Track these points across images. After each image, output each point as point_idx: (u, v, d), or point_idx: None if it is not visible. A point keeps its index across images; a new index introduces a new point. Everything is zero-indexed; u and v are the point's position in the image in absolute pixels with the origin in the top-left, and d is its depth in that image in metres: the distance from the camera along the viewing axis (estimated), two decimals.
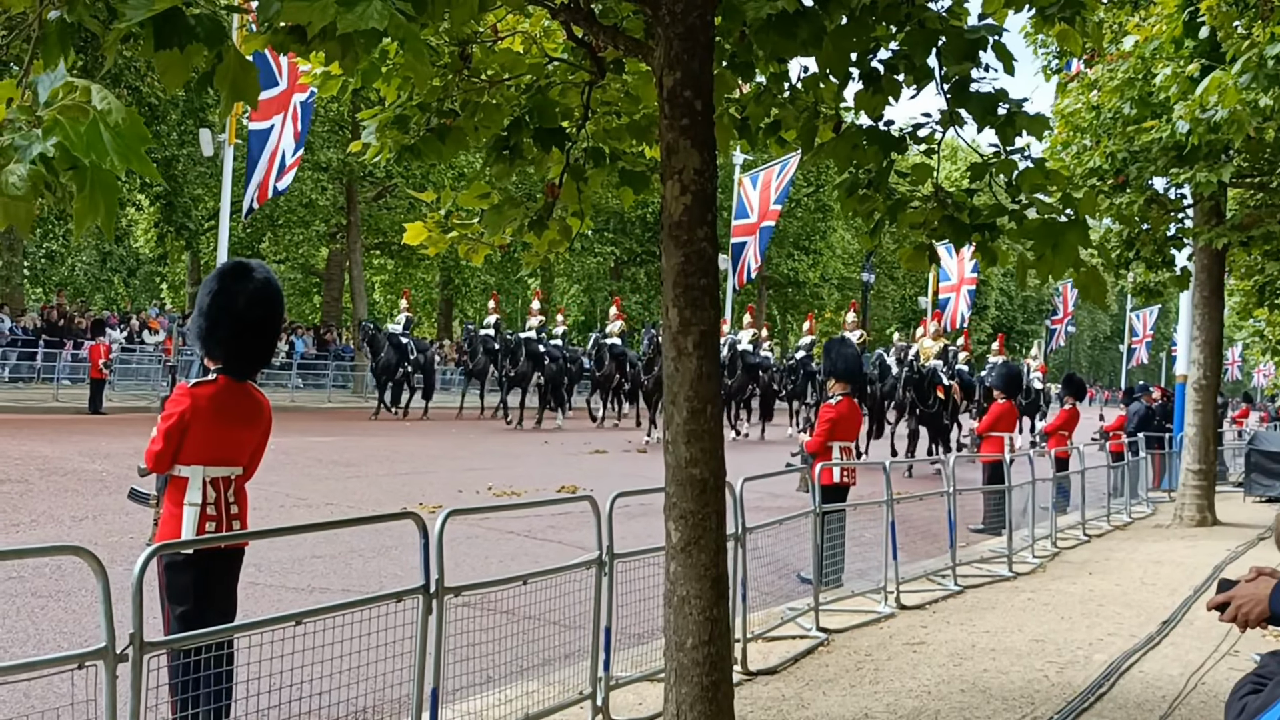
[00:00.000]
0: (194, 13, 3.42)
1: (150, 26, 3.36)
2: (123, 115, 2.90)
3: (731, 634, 5.36)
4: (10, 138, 2.83)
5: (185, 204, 38.97)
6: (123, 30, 3.37)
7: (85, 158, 2.85)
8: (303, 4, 3.27)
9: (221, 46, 3.53)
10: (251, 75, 3.69)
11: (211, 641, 4.67)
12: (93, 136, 2.86)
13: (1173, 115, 12.65)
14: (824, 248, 62.31)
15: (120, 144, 2.89)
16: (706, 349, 4.87)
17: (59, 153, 2.82)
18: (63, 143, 2.81)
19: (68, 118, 2.88)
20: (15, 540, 10.55)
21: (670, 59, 4.82)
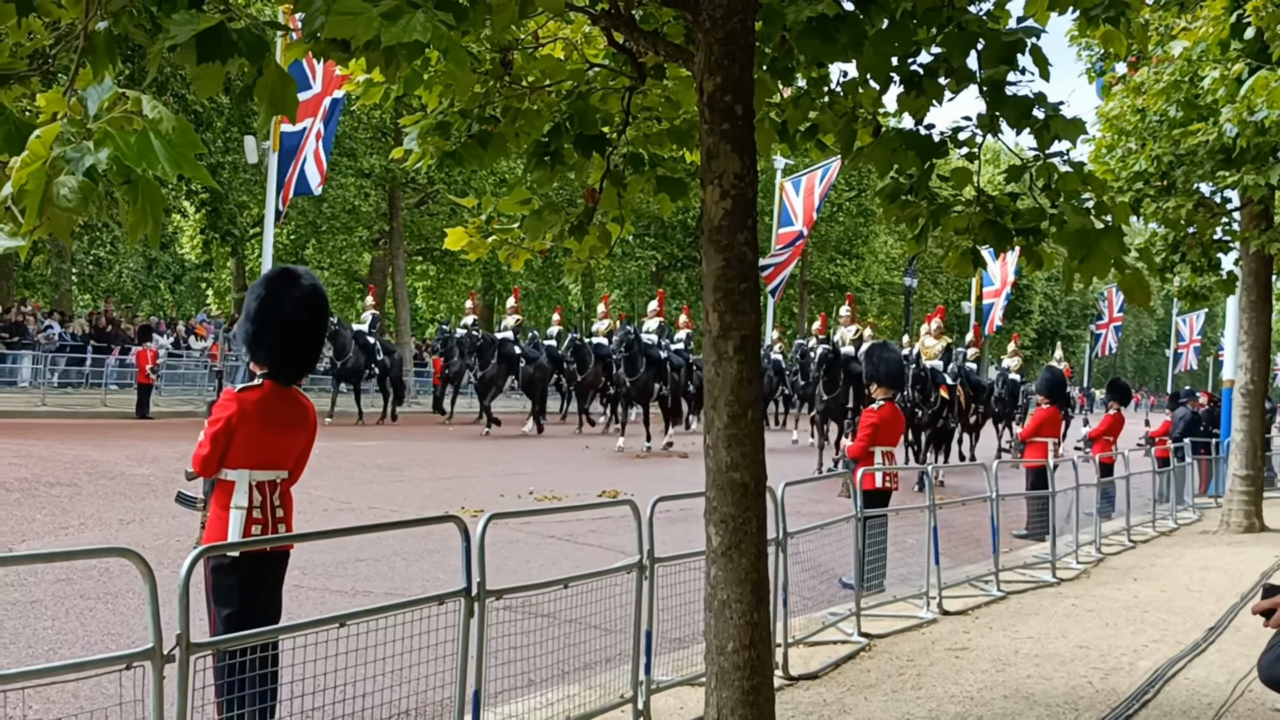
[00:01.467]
0: (236, 27, 3.47)
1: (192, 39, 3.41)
2: (173, 124, 2.94)
3: (772, 638, 5.36)
4: (61, 150, 2.88)
5: (230, 210, 39.32)
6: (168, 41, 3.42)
7: (138, 167, 2.89)
8: (347, 18, 3.31)
9: (262, 60, 3.58)
10: (291, 89, 3.74)
11: (257, 643, 4.73)
12: (144, 146, 2.90)
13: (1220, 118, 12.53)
14: (866, 252, 62.09)
15: (171, 152, 2.94)
16: (747, 353, 4.87)
17: (114, 165, 2.86)
18: (115, 154, 2.85)
19: (118, 129, 2.92)
20: (64, 543, 10.68)
21: (711, 64, 4.83)
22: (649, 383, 27.19)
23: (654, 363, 27.39)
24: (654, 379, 27.40)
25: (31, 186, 2.82)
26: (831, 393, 22.44)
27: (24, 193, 2.82)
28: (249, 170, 35.46)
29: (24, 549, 10.20)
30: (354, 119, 40.02)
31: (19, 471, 15.27)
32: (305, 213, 41.21)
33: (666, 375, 28.03)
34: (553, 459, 22.42)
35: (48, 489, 13.96)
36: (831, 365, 22.55)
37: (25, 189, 2.82)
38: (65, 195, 2.84)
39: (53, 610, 8.25)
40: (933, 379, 22.65)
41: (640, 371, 26.55)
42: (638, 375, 26.54)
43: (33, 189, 2.82)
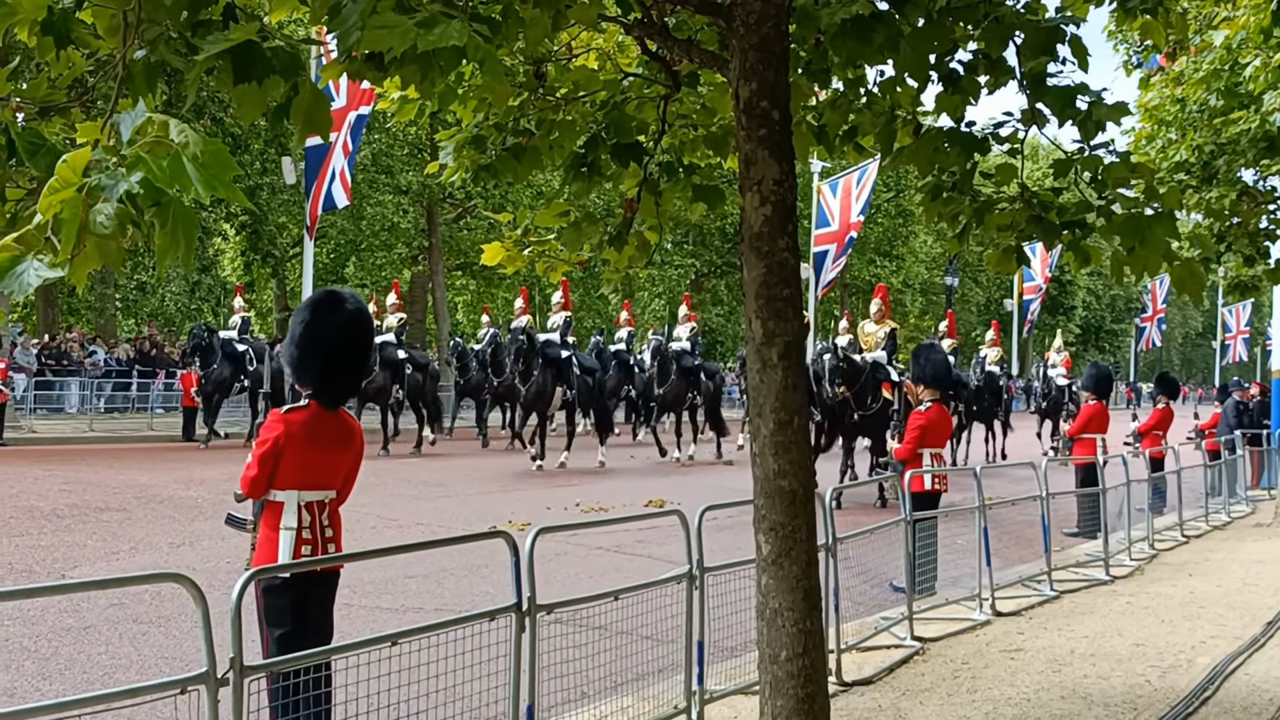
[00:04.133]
0: (271, 46, 3.48)
1: (229, 61, 3.42)
2: (201, 146, 2.94)
3: (825, 645, 5.31)
4: (97, 177, 2.89)
5: (270, 231, 39.65)
6: (203, 65, 3.43)
7: (170, 189, 2.90)
8: (382, 30, 3.31)
9: (297, 79, 3.58)
10: (324, 107, 3.75)
11: (310, 664, 4.73)
12: (176, 169, 2.90)
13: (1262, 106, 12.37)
14: (905, 252, 61.84)
15: (205, 174, 2.94)
16: (791, 360, 4.83)
17: (144, 189, 2.87)
18: (147, 178, 2.86)
19: (151, 153, 2.93)
20: (116, 567, 10.77)
21: (745, 70, 4.80)
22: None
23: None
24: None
25: (68, 215, 2.83)
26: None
27: (60, 222, 2.83)
28: (287, 191, 35.72)
29: (76, 574, 10.30)
30: (390, 136, 40.25)
31: (69, 497, 15.43)
32: (344, 230, 41.48)
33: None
34: (596, 469, 22.40)
35: (98, 514, 14.09)
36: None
37: (62, 218, 2.83)
38: (102, 222, 2.84)
39: (106, 635, 8.30)
40: (873, 375, 18.76)
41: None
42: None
43: (69, 217, 2.83)
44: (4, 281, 2.88)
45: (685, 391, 26.08)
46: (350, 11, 3.42)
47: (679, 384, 25.80)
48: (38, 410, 29.10)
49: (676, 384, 25.68)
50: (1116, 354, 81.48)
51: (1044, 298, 41.99)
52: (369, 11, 3.36)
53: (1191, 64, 14.31)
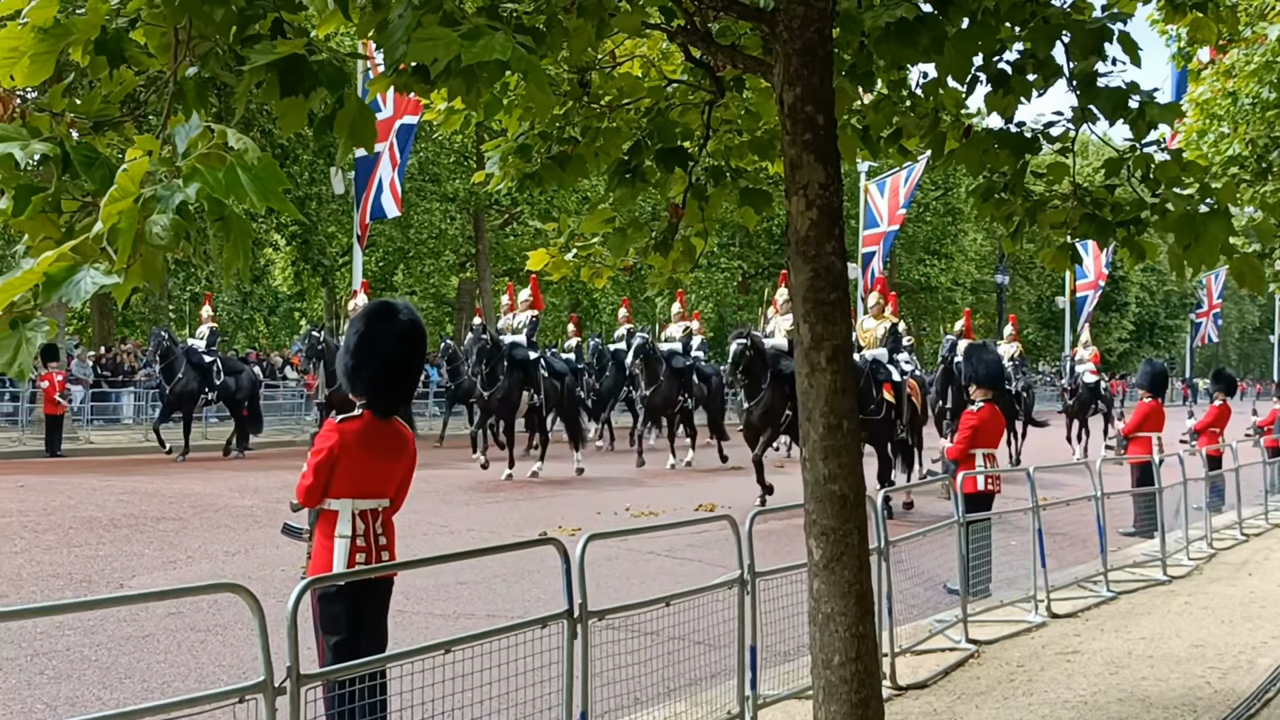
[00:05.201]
0: (317, 59, 3.52)
1: (276, 74, 3.47)
2: (258, 155, 3.00)
3: (879, 649, 5.29)
4: (153, 189, 2.94)
5: (320, 241, 39.99)
6: (251, 78, 3.48)
7: (226, 200, 2.95)
8: (427, 44, 3.35)
9: (343, 92, 3.62)
10: (369, 120, 3.79)
11: (365, 671, 4.78)
12: (232, 180, 2.96)
13: None
14: (955, 251, 61.38)
15: (258, 185, 2.99)
16: (840, 364, 4.82)
17: (208, 203, 2.92)
18: (206, 190, 2.92)
19: (206, 165, 2.98)
20: (173, 576, 10.90)
21: (790, 75, 4.80)
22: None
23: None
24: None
25: (125, 225, 2.88)
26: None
27: (117, 232, 2.89)
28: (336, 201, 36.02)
29: (134, 584, 10.43)
30: (436, 145, 40.51)
31: (127, 507, 15.62)
32: (393, 239, 41.79)
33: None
34: (647, 474, 22.40)
35: (154, 524, 14.26)
36: None
37: (119, 228, 2.88)
38: (158, 233, 2.90)
39: (164, 644, 8.40)
40: (872, 375, 17.42)
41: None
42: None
43: (125, 228, 2.88)
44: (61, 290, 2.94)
45: (676, 394, 24.67)
46: (396, 26, 3.46)
47: (669, 386, 24.33)
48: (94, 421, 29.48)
49: (666, 386, 24.30)
50: (1171, 350, 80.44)
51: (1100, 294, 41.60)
52: (414, 25, 3.39)
53: (1243, 56, 14.13)
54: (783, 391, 17.55)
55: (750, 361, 17.29)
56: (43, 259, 2.95)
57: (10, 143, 3.10)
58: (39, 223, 3.15)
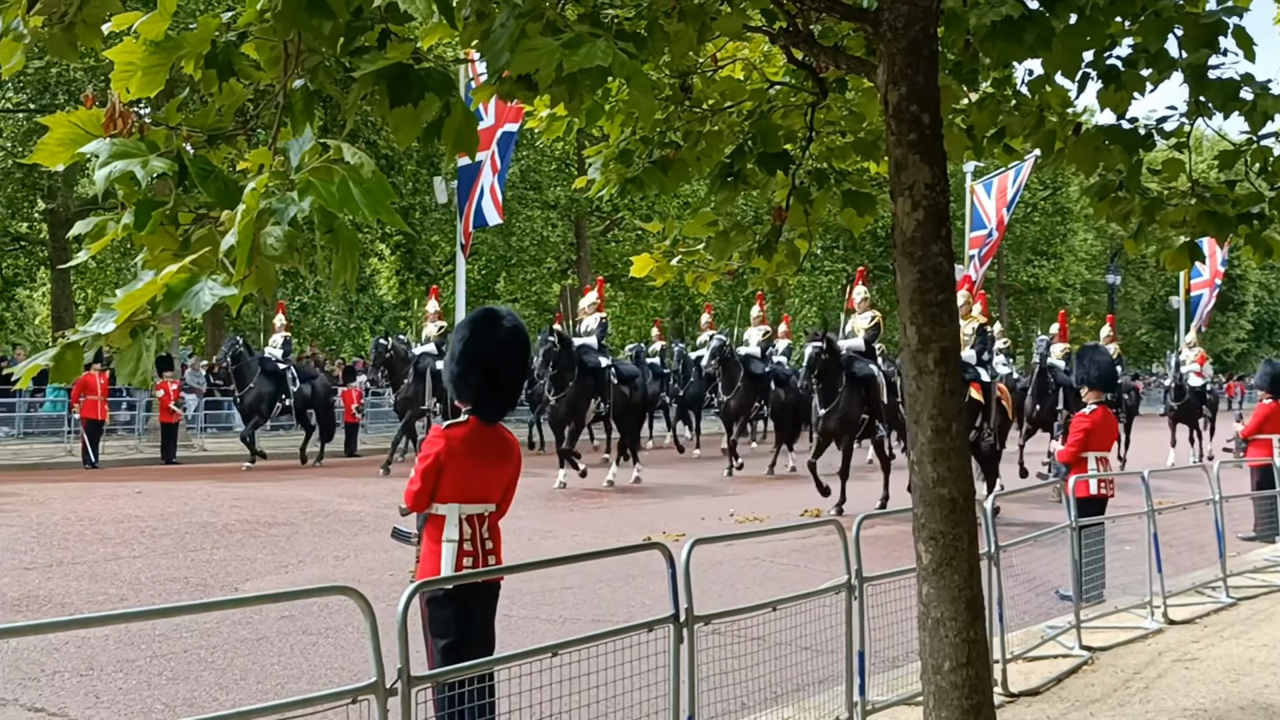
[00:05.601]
0: (424, 67, 3.57)
1: (384, 84, 3.52)
2: (372, 170, 3.05)
3: (990, 655, 5.21)
4: (267, 202, 3.00)
5: (424, 250, 40.53)
6: (361, 88, 3.54)
7: (340, 213, 3.01)
8: (530, 53, 3.38)
9: (449, 99, 3.67)
10: (473, 128, 3.84)
11: (474, 674, 4.82)
12: (344, 194, 3.02)
13: None
14: (1064, 251, 60.27)
15: (370, 198, 3.05)
16: (948, 366, 4.76)
17: (318, 215, 2.98)
18: (319, 203, 2.98)
19: (319, 178, 3.04)
20: (285, 580, 11.10)
21: (894, 74, 4.75)
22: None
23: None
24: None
25: (241, 238, 2.95)
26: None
27: (234, 244, 2.96)
28: (439, 210, 36.43)
29: (248, 588, 10.64)
30: (538, 152, 40.79)
31: (240, 513, 15.96)
32: (495, 247, 42.15)
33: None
34: (752, 479, 22.33)
35: (267, 529, 14.55)
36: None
37: (236, 240, 2.96)
38: (272, 244, 2.97)
39: (278, 646, 8.56)
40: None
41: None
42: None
43: (242, 240, 2.96)
44: (182, 301, 3.02)
45: (751, 400, 23.73)
46: (499, 35, 3.49)
47: (746, 391, 23.39)
48: (207, 429, 30.15)
49: (744, 392, 23.32)
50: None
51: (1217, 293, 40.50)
52: (517, 35, 3.42)
53: None
54: (859, 395, 17.25)
55: (825, 365, 16.84)
56: (165, 272, 3.03)
57: (131, 159, 3.18)
58: (159, 236, 3.23)
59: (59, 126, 3.32)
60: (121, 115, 3.26)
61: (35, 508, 16.17)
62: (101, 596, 10.16)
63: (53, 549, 12.57)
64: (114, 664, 7.96)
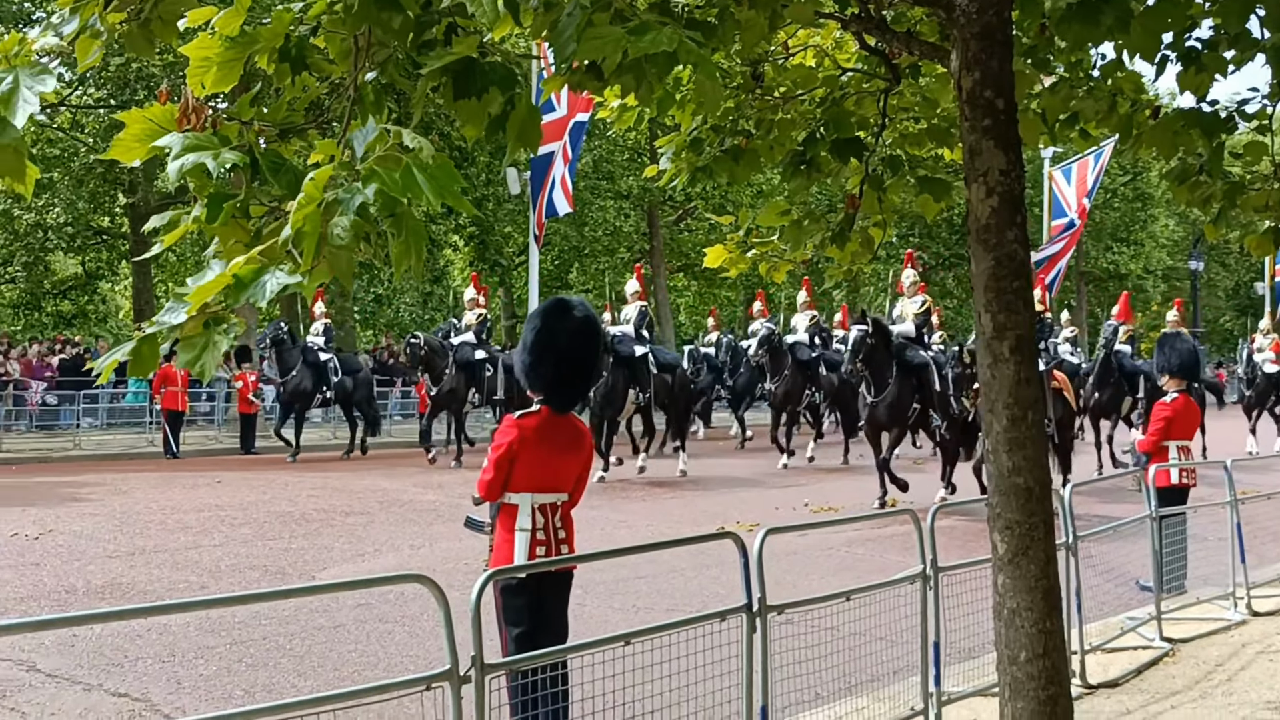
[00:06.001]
0: (489, 61, 3.59)
1: (450, 78, 3.54)
2: (433, 154, 3.07)
3: (1067, 646, 5.14)
4: (334, 192, 3.03)
5: (497, 241, 40.76)
6: (427, 82, 3.57)
7: (403, 198, 3.03)
8: (596, 41, 3.38)
9: (514, 93, 3.68)
10: (536, 122, 3.85)
11: (547, 662, 4.85)
12: (408, 180, 3.04)
13: None
14: (1145, 238, 59.25)
15: (434, 184, 3.07)
16: (1023, 353, 4.70)
17: (380, 200, 3.01)
18: (381, 189, 3.00)
19: (383, 166, 3.07)
20: (362, 568, 11.24)
21: (967, 60, 4.69)
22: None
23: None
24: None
25: (309, 229, 2.99)
26: None
27: (302, 235, 2.99)
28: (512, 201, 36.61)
29: (325, 576, 10.78)
30: (610, 142, 40.87)
31: (317, 502, 16.17)
32: (568, 237, 42.30)
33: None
34: (823, 468, 22.23)
35: (344, 518, 14.73)
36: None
37: (303, 231, 2.99)
38: (339, 234, 3.00)
39: (354, 634, 8.67)
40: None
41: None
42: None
43: (310, 231, 2.99)
44: (249, 291, 3.06)
45: (802, 387, 22.88)
46: (566, 25, 3.50)
47: (794, 379, 22.56)
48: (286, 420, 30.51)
49: (791, 379, 22.49)
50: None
51: None
52: (584, 24, 3.43)
53: None
54: (910, 384, 16.52)
55: (872, 350, 16.07)
56: (233, 263, 3.07)
57: (203, 152, 3.23)
58: (230, 228, 3.28)
59: (135, 122, 3.37)
60: (195, 109, 3.30)
61: (118, 497, 16.49)
62: (182, 584, 10.35)
63: (135, 537, 12.82)
64: (195, 650, 8.10)
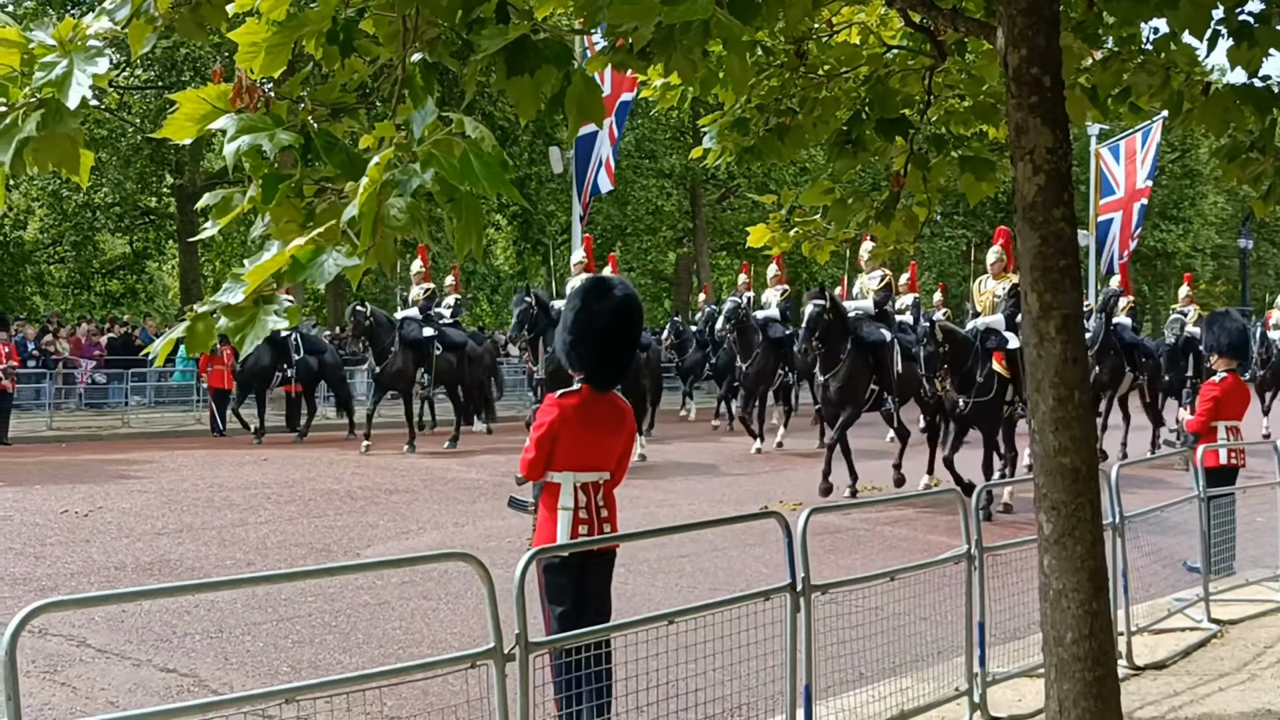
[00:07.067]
0: (541, 38, 3.59)
1: (502, 57, 3.55)
2: (492, 144, 3.08)
3: (1114, 627, 5.12)
4: (391, 174, 3.05)
5: (540, 220, 40.80)
6: (481, 62, 3.57)
7: (461, 186, 3.04)
8: (628, 6, 3.39)
9: (569, 69, 3.68)
10: (597, 95, 3.84)
11: (590, 641, 4.87)
12: (465, 166, 3.05)
13: None
14: (1193, 215, 58.54)
15: (488, 172, 3.08)
16: (1070, 333, 4.67)
17: (439, 185, 3.02)
18: (440, 175, 3.01)
19: (441, 151, 3.08)
20: (405, 545, 11.31)
21: (1014, 36, 4.65)
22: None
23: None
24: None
25: (366, 209, 3.01)
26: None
27: (359, 216, 3.01)
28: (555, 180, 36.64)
29: (370, 553, 10.87)
30: (653, 121, 40.76)
31: (361, 480, 16.29)
32: (610, 216, 42.29)
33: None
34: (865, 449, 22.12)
35: (387, 495, 14.83)
36: None
37: (360, 212, 3.01)
38: (395, 216, 3.02)
39: (399, 611, 8.73)
40: (981, 347, 14.40)
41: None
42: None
43: (366, 211, 3.01)
44: (307, 271, 3.09)
45: (774, 367, 20.96)
46: None
47: (766, 358, 20.66)
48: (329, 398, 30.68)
49: (763, 358, 20.59)
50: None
51: None
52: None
53: None
54: (865, 362, 15.67)
55: (829, 327, 15.03)
56: (292, 245, 3.10)
57: (259, 133, 3.26)
58: (284, 208, 3.30)
59: (188, 102, 3.40)
60: (248, 90, 3.33)
61: (166, 474, 16.67)
62: (229, 561, 10.46)
63: (183, 514, 12.97)
64: (242, 626, 8.19)
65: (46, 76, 3.18)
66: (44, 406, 25.20)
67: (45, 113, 3.19)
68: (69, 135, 3.27)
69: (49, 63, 3.21)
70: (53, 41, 3.27)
